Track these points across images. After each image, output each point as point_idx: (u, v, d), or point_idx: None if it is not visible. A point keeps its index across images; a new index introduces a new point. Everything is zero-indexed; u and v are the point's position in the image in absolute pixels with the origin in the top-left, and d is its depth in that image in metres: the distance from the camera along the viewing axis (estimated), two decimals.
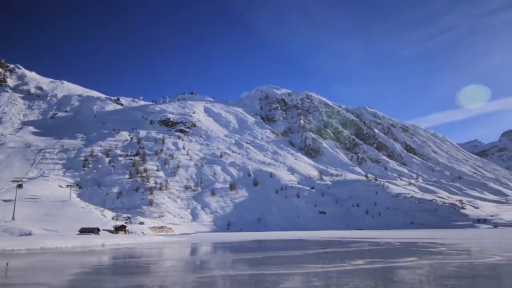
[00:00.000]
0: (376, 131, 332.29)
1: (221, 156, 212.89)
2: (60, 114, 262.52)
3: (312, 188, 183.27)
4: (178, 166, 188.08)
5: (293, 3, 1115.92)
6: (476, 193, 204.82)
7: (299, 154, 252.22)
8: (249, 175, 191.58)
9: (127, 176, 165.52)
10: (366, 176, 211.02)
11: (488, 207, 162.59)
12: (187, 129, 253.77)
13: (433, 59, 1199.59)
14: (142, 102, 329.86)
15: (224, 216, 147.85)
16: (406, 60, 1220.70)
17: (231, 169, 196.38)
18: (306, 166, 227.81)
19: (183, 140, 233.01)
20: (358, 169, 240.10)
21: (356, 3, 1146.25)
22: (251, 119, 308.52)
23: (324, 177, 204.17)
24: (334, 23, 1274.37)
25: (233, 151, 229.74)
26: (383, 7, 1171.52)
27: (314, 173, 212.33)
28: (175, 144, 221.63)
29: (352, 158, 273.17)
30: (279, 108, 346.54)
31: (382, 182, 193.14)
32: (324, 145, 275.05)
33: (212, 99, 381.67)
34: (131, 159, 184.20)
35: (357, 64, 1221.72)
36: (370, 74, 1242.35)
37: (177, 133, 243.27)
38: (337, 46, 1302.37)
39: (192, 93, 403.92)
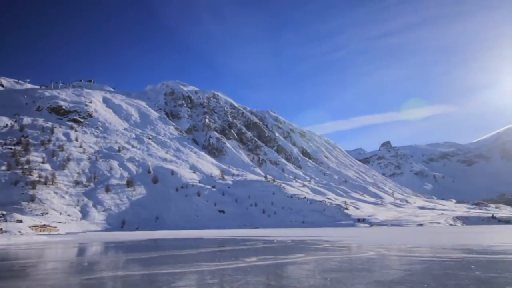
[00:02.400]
0: (277, 134, 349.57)
1: (119, 151, 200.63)
2: None
3: (213, 187, 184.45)
4: (68, 159, 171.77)
5: (206, 4, 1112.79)
6: (358, 196, 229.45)
7: (202, 153, 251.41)
8: (149, 171, 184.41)
9: (4, 168, 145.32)
10: (265, 177, 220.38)
11: (366, 208, 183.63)
12: (81, 119, 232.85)
13: (328, 73, 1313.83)
14: (29, 85, 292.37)
15: (119, 214, 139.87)
16: (306, 71, 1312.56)
17: (130, 165, 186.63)
18: (209, 165, 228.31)
19: (76, 131, 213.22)
20: (258, 170, 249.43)
21: (266, 12, 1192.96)
22: (154, 114, 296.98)
23: (225, 177, 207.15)
24: (245, 27, 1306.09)
25: (132, 146, 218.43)
26: (290, 18, 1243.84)
27: (216, 172, 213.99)
28: (66, 134, 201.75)
29: (253, 159, 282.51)
30: (185, 105, 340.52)
31: (279, 183, 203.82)
32: (228, 145, 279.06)
33: (112, 90, 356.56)
34: (11, 149, 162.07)
35: (264, 69, 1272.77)
36: (275, 80, 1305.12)
37: (70, 123, 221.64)
38: (246, 50, 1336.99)
39: (90, 81, 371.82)
